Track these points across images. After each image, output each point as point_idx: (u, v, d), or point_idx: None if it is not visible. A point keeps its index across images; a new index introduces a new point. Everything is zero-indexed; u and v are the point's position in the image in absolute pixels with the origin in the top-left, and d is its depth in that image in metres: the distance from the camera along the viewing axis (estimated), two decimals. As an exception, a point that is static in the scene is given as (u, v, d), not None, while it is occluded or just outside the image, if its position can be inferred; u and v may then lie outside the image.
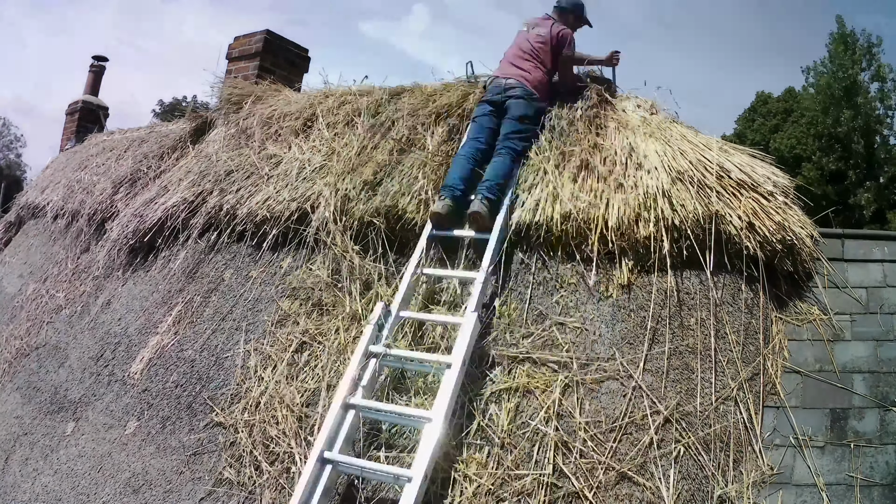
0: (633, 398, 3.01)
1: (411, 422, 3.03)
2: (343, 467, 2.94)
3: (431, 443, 2.78)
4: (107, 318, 4.99)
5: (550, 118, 4.11)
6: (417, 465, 2.73)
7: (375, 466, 2.90)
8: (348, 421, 3.05)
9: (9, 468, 4.35)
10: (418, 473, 2.69)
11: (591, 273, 3.43)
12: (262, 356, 3.80)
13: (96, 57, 9.52)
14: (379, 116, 4.74)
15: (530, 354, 3.22)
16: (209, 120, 6.31)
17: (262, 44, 6.53)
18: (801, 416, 3.01)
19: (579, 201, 3.53)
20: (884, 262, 3.53)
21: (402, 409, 3.06)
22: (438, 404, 2.90)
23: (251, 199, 4.66)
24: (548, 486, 2.80)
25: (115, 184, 6.26)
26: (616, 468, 2.82)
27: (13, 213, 8.27)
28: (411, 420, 3.02)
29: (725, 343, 3.17)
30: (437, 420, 2.84)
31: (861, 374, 3.11)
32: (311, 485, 2.84)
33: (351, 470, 2.95)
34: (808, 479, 2.78)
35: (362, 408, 3.08)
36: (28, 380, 5.08)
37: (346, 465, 2.93)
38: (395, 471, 2.81)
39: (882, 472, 2.77)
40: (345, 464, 2.92)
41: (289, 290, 4.07)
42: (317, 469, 2.88)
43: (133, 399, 4.14)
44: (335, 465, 2.92)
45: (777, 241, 3.36)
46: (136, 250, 5.31)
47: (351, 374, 3.14)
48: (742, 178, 3.56)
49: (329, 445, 2.95)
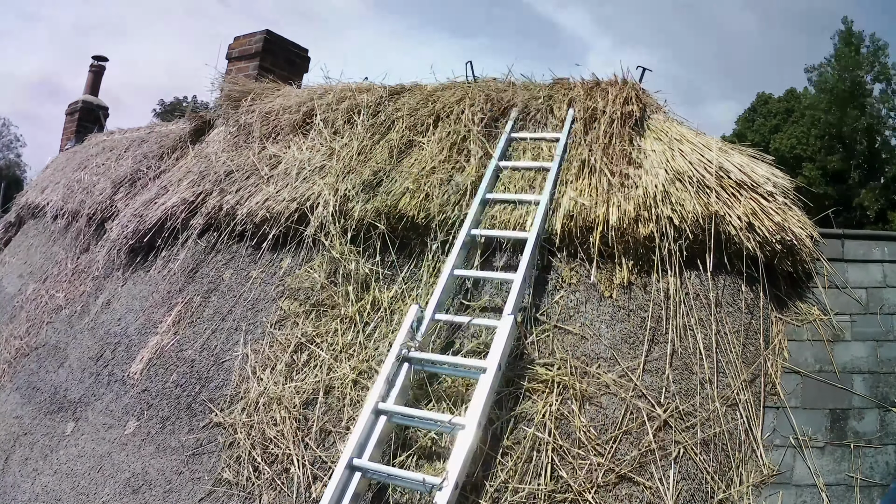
0: (632, 399, 3.01)
1: (444, 428, 2.92)
2: (372, 474, 2.85)
3: (464, 450, 2.69)
4: (106, 318, 5.00)
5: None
6: (449, 472, 2.64)
7: (405, 474, 2.81)
8: (379, 427, 2.96)
9: (9, 468, 4.35)
10: (450, 481, 2.60)
11: (592, 273, 3.42)
12: (261, 357, 3.80)
13: (96, 57, 9.53)
14: (379, 115, 4.73)
15: (530, 355, 3.21)
16: (209, 120, 6.32)
17: (262, 44, 6.53)
18: (800, 416, 3.00)
19: (582, 200, 3.52)
20: (884, 263, 3.53)
21: (435, 415, 2.96)
22: (472, 410, 2.80)
23: (251, 199, 4.66)
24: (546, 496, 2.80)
25: (115, 184, 6.26)
26: (616, 470, 2.82)
27: (13, 213, 8.29)
28: (444, 426, 2.90)
29: (725, 343, 3.17)
30: (470, 426, 2.75)
31: (861, 375, 3.11)
32: (338, 492, 2.76)
33: (380, 477, 2.85)
34: (808, 480, 2.78)
35: (394, 413, 2.99)
36: (28, 380, 5.09)
37: (376, 473, 2.84)
38: (426, 478, 2.70)
39: (882, 472, 2.77)
40: (374, 471, 2.84)
41: (288, 290, 4.07)
42: (345, 476, 2.80)
43: (133, 399, 4.14)
44: (364, 472, 2.83)
45: (777, 242, 3.36)
46: (136, 250, 5.31)
47: (383, 379, 3.04)
48: (742, 179, 3.55)
49: (359, 452, 2.86)
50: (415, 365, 3.16)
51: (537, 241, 3.45)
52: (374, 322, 3.67)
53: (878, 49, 23.44)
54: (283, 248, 4.35)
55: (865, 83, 23.46)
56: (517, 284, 3.25)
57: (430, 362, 3.17)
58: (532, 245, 3.41)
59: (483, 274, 3.56)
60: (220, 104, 6.08)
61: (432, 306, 3.33)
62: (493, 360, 2.94)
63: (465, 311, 3.43)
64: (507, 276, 3.40)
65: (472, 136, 4.20)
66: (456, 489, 2.62)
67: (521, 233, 3.55)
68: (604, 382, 3.08)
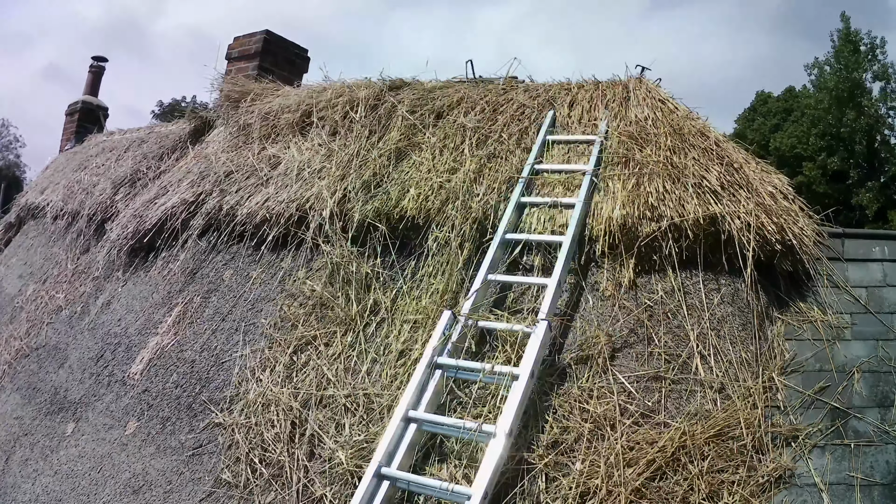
0: (631, 399, 3.01)
1: (475, 436, 2.83)
2: (401, 483, 2.82)
3: (494, 459, 2.65)
4: (107, 318, 5.00)
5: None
6: (478, 482, 2.60)
7: (434, 483, 2.75)
8: (409, 434, 2.91)
9: (9, 469, 4.35)
10: (478, 491, 2.56)
11: (592, 273, 3.42)
12: (260, 358, 3.80)
13: (95, 57, 9.53)
14: (378, 110, 4.69)
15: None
16: (209, 120, 6.31)
17: (262, 44, 6.53)
18: (801, 415, 3.00)
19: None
20: (884, 262, 3.53)
21: (466, 423, 2.86)
22: (504, 418, 2.74)
23: (251, 199, 4.66)
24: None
25: (115, 184, 6.26)
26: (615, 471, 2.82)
27: (13, 214, 8.28)
28: (475, 435, 2.82)
29: (725, 343, 3.17)
30: (501, 435, 2.69)
31: (861, 374, 3.11)
32: (366, 501, 2.73)
33: (408, 486, 2.82)
34: (808, 479, 2.78)
35: (424, 421, 2.94)
36: (28, 380, 5.09)
37: (405, 482, 2.80)
38: (455, 488, 2.67)
39: (882, 471, 2.77)
40: (403, 480, 2.80)
41: (288, 291, 4.07)
42: (373, 485, 2.76)
43: (133, 400, 4.14)
44: (393, 480, 2.80)
45: (777, 241, 3.35)
46: (136, 251, 5.31)
47: (414, 386, 2.99)
48: (742, 179, 3.55)
49: (388, 460, 2.83)
50: (447, 371, 3.10)
51: (572, 245, 3.38)
52: (375, 323, 3.67)
53: (876, 47, 23.44)
54: (283, 249, 4.35)
55: (865, 82, 23.46)
56: (551, 289, 3.19)
57: (462, 369, 3.09)
58: (567, 249, 3.33)
59: (517, 279, 3.48)
60: (220, 104, 6.08)
61: (465, 311, 3.26)
62: (526, 368, 2.89)
63: (499, 318, 3.31)
64: (541, 281, 3.34)
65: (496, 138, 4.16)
66: (485, 499, 2.58)
67: (556, 237, 3.47)
68: (603, 383, 3.08)
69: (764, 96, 29.20)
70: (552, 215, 3.63)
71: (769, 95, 29.06)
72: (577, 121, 4.17)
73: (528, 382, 2.86)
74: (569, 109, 4.26)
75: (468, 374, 3.09)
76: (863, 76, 23.23)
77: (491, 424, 2.80)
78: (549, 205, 3.65)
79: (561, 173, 3.83)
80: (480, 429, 2.79)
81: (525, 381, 2.85)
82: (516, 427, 2.80)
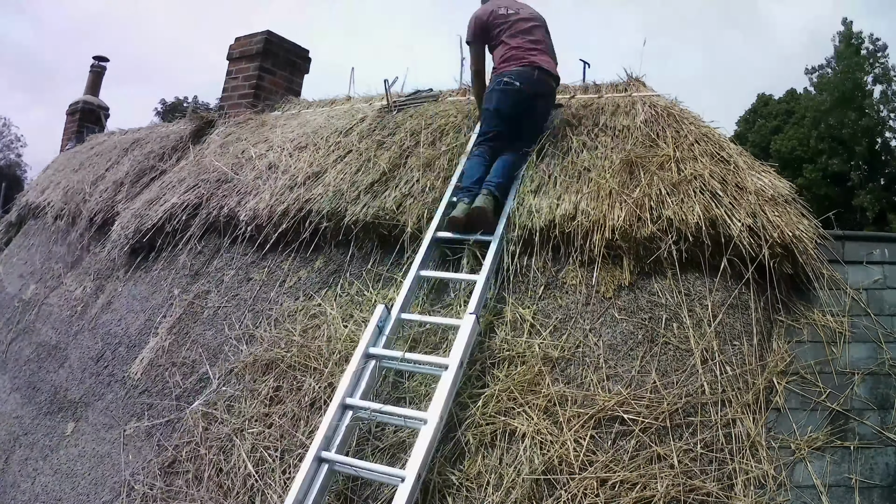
0: (631, 400, 3.00)
1: (407, 423, 3.03)
2: (339, 467, 2.95)
3: (425, 444, 2.80)
4: (107, 318, 5.00)
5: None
6: (411, 465, 2.74)
7: (370, 466, 2.91)
8: (346, 421, 3.06)
9: (9, 468, 4.35)
10: (411, 474, 2.71)
11: (593, 274, 3.43)
12: (260, 358, 3.80)
13: (97, 57, 9.54)
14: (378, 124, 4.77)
15: (525, 354, 3.21)
16: (210, 120, 6.32)
17: (263, 45, 6.53)
18: (800, 417, 3.00)
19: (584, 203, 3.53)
20: (884, 264, 3.53)
21: (399, 410, 3.07)
22: (434, 406, 2.91)
23: (251, 200, 4.67)
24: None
25: (116, 184, 6.27)
26: (614, 471, 2.82)
27: (14, 213, 8.29)
28: (407, 421, 3.02)
29: (725, 345, 3.17)
30: (431, 421, 2.86)
31: (861, 376, 3.10)
32: (306, 484, 2.85)
33: (346, 469, 2.95)
34: (807, 481, 2.78)
35: (359, 408, 3.09)
36: (28, 380, 5.09)
37: (342, 465, 2.94)
38: (390, 471, 2.84)
39: (882, 473, 2.77)
40: (341, 463, 2.93)
41: (288, 292, 4.08)
42: (313, 468, 2.89)
43: (133, 399, 4.14)
44: (331, 464, 2.93)
45: (777, 243, 3.35)
46: (137, 251, 5.31)
47: (349, 375, 3.15)
48: (742, 180, 3.56)
49: (326, 445, 2.97)
50: (380, 362, 3.26)
51: (500, 244, 3.56)
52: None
53: (878, 50, 23.47)
54: (283, 250, 4.36)
55: (866, 85, 23.48)
56: (479, 285, 3.37)
57: (394, 359, 3.25)
58: (495, 248, 3.53)
59: (447, 275, 3.64)
60: (221, 105, 6.09)
61: (398, 306, 3.44)
62: (455, 358, 3.05)
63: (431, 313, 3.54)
64: (470, 277, 3.50)
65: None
66: (418, 481, 2.72)
67: (484, 236, 3.64)
68: (602, 383, 3.08)
69: (765, 98, 29.24)
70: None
71: (770, 98, 29.11)
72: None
73: (456, 372, 3.02)
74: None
75: (401, 365, 3.26)
76: (864, 78, 23.26)
77: (423, 412, 2.95)
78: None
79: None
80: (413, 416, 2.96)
81: (454, 370, 3.01)
82: (446, 414, 2.94)
